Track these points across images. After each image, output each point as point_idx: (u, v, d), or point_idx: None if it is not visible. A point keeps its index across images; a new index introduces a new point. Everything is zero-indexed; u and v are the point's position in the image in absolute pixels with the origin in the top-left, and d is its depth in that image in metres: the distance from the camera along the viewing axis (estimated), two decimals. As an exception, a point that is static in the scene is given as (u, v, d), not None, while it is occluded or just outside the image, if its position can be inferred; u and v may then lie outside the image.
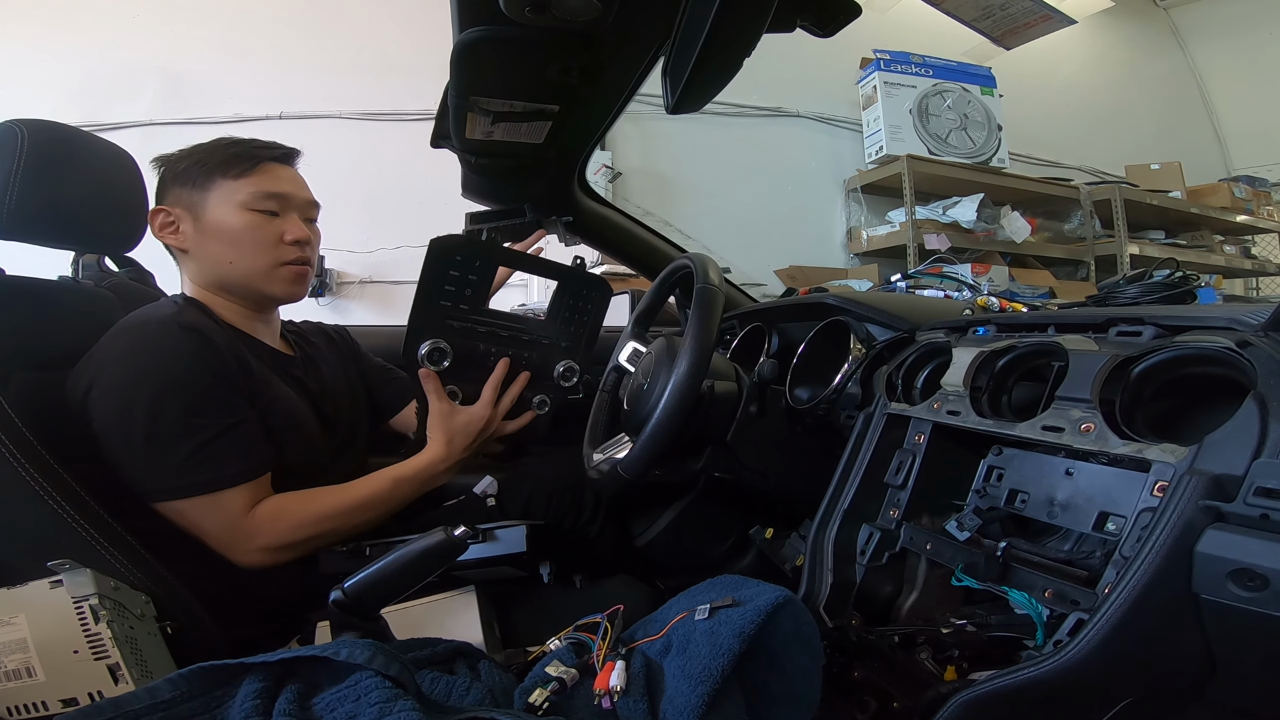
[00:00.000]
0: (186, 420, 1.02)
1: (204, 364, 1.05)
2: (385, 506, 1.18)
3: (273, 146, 1.24)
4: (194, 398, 1.03)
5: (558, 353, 1.39)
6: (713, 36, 0.76)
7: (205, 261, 1.20)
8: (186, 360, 1.04)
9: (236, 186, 1.17)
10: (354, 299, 3.49)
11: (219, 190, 1.17)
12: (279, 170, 1.23)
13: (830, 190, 4.33)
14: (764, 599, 0.74)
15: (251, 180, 1.18)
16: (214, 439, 1.03)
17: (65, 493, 0.90)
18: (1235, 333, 0.67)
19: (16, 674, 0.84)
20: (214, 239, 1.18)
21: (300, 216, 1.24)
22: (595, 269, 3.07)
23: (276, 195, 1.20)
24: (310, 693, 0.67)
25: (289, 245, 1.21)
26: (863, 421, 1.04)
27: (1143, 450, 0.66)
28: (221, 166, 1.18)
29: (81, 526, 0.89)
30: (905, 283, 1.85)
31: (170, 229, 1.19)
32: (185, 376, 1.03)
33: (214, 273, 1.20)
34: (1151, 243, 4.50)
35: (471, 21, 0.87)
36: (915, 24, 4.28)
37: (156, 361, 1.03)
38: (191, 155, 1.19)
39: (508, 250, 1.34)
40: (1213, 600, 0.57)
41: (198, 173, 1.17)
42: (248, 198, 1.17)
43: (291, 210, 1.23)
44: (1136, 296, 1.01)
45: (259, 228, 1.18)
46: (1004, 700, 0.66)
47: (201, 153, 1.19)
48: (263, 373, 1.17)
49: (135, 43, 3.32)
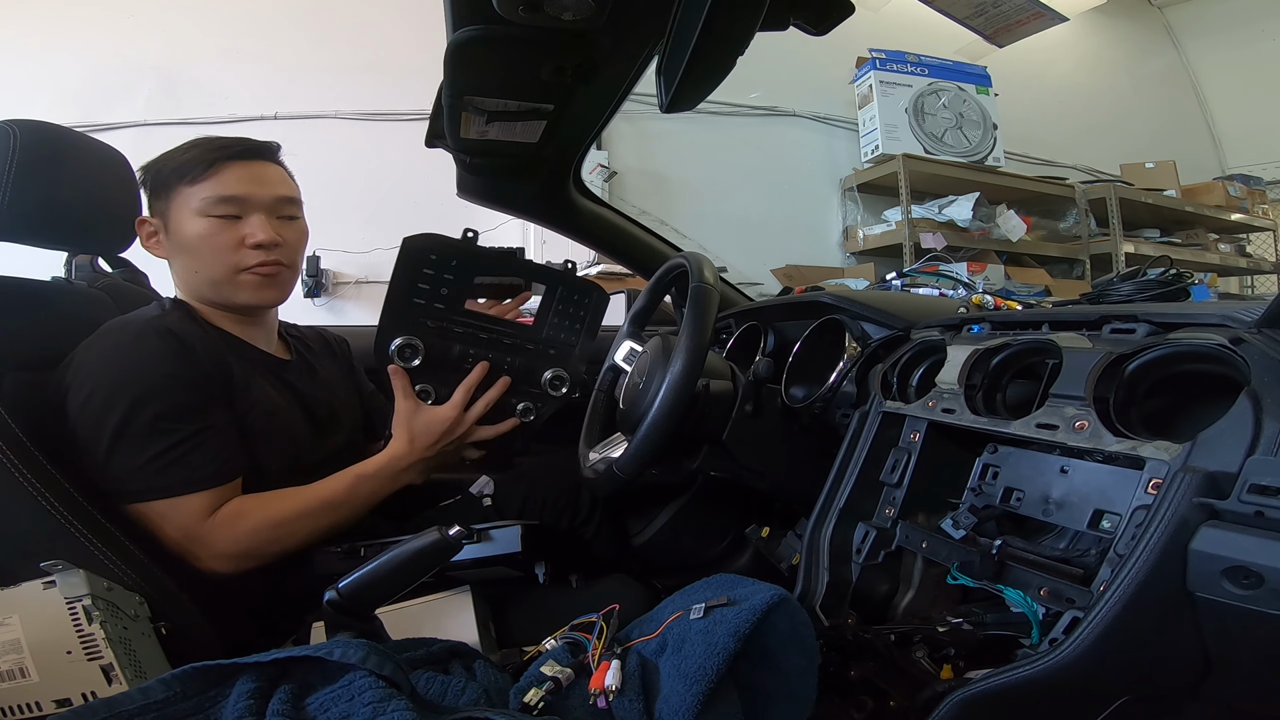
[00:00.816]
0: (155, 424, 1.01)
1: (178, 369, 1.03)
2: (349, 507, 1.14)
3: (230, 145, 1.15)
4: (165, 402, 1.02)
5: (545, 359, 1.33)
6: (705, 35, 0.76)
7: (178, 271, 1.17)
8: (160, 365, 1.03)
9: (192, 192, 1.12)
10: (350, 299, 3.48)
11: (178, 197, 1.13)
12: (237, 170, 1.14)
13: (826, 189, 4.33)
14: (759, 598, 0.74)
15: (206, 184, 1.12)
16: (181, 443, 1.02)
17: (58, 493, 0.90)
18: (1228, 329, 0.67)
19: (10, 674, 0.84)
20: (180, 249, 1.15)
21: (269, 215, 1.16)
22: (592, 268, 3.07)
23: (232, 199, 1.13)
24: (304, 693, 0.67)
25: (250, 249, 1.14)
26: (858, 420, 1.04)
27: (1137, 448, 0.66)
28: (177, 173, 1.13)
29: (74, 527, 0.89)
30: (901, 281, 1.85)
31: (153, 239, 1.18)
32: (158, 381, 1.02)
33: (187, 281, 1.18)
34: (1147, 241, 4.51)
35: (465, 21, 0.87)
36: (908, 22, 4.28)
37: (130, 366, 1.02)
38: (157, 162, 1.15)
39: (486, 250, 1.27)
40: (1208, 598, 0.57)
41: (162, 181, 1.14)
42: (201, 204, 1.11)
43: (255, 211, 1.15)
44: (1130, 294, 1.01)
45: (216, 234, 1.12)
46: (1000, 699, 0.66)
47: (163, 159, 1.15)
48: (245, 376, 1.14)
49: (130, 43, 3.30)
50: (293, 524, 1.09)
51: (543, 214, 1.74)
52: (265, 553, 1.07)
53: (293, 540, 1.09)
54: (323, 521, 1.12)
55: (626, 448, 1.06)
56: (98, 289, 1.26)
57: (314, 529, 1.11)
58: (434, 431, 1.20)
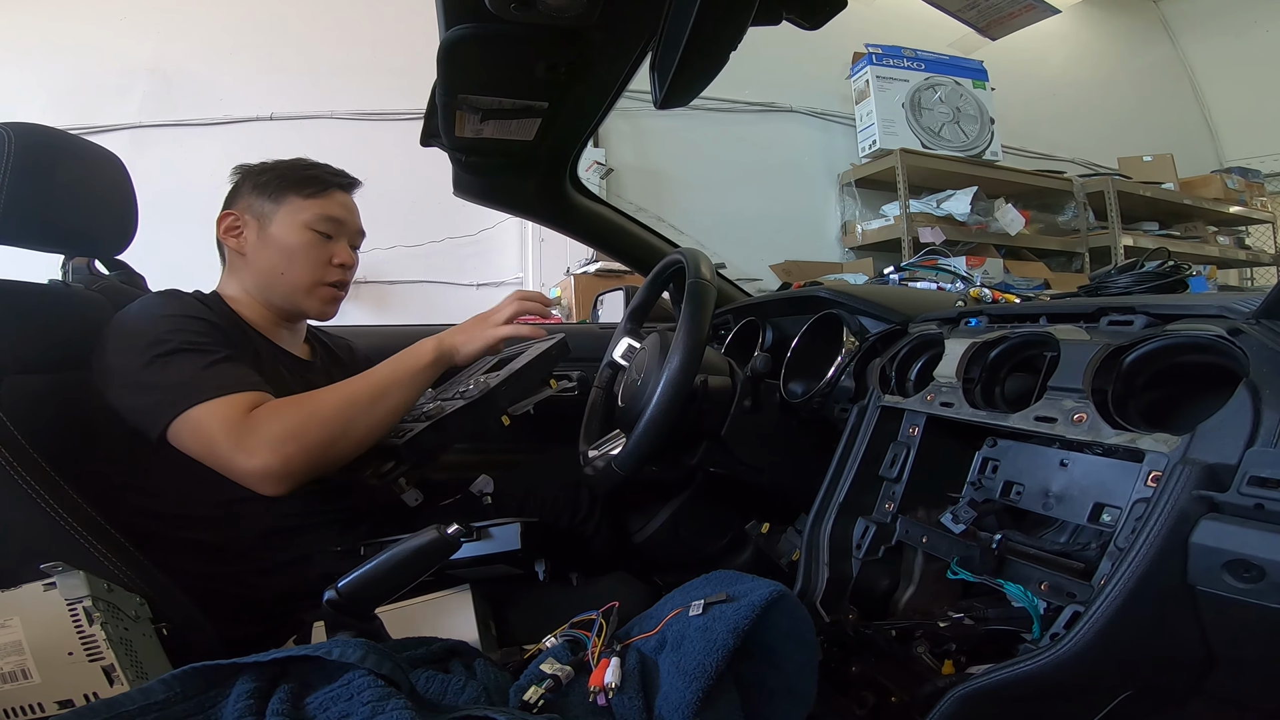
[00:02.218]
0: (189, 345, 1.05)
1: (207, 316, 1.12)
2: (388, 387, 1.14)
3: (342, 175, 1.33)
4: (196, 332, 1.07)
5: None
6: (697, 30, 0.76)
7: (257, 267, 1.26)
8: (190, 310, 1.11)
9: (305, 205, 1.25)
10: (349, 299, 3.45)
11: (289, 206, 1.25)
12: (342, 197, 1.31)
13: (824, 185, 4.32)
14: (758, 594, 0.74)
15: (319, 202, 1.26)
16: (215, 362, 1.06)
17: (58, 495, 0.90)
18: (1227, 320, 0.67)
19: (12, 676, 0.84)
20: (273, 249, 1.25)
21: (349, 244, 1.32)
22: (590, 266, 3.08)
23: (335, 220, 1.28)
24: (303, 693, 0.67)
25: (334, 267, 1.29)
26: (856, 414, 1.04)
27: (1136, 440, 0.66)
28: (297, 185, 1.26)
29: (74, 529, 0.89)
30: (899, 275, 1.85)
31: (235, 233, 1.26)
32: (189, 322, 1.09)
33: (262, 279, 1.26)
34: (1145, 234, 4.50)
35: (457, 19, 0.86)
36: (901, 16, 4.30)
37: (163, 311, 1.10)
38: (274, 169, 1.28)
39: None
40: (1209, 592, 0.56)
41: (275, 186, 1.26)
42: (312, 218, 1.25)
43: (344, 236, 1.31)
44: (1128, 286, 1.01)
45: (314, 247, 1.26)
46: (1001, 694, 0.66)
47: (283, 168, 1.28)
48: (273, 369, 1.20)
49: (124, 45, 3.29)
50: (337, 408, 1.08)
51: (539, 211, 1.74)
52: (314, 441, 1.04)
53: (339, 426, 1.07)
54: (355, 390, 1.12)
55: (625, 444, 1.06)
56: (95, 291, 1.26)
57: (356, 413, 1.09)
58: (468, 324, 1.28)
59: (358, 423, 1.09)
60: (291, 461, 1.01)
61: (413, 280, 3.49)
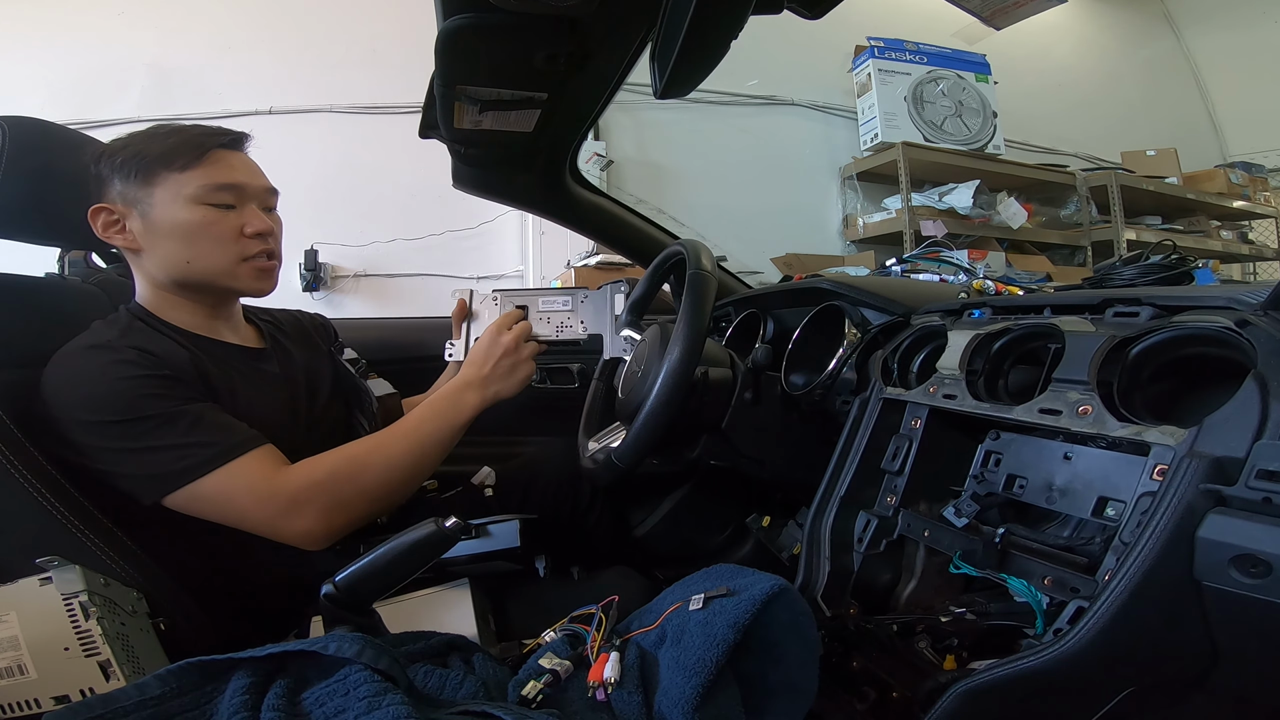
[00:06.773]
0: (173, 409, 0.96)
1: (164, 372, 1.00)
2: (421, 437, 1.11)
3: (219, 133, 1.12)
4: (171, 392, 0.98)
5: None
6: (698, 19, 0.75)
7: (160, 262, 1.10)
8: (141, 365, 0.98)
9: (184, 179, 1.07)
10: (349, 293, 3.48)
11: (165, 184, 1.06)
12: (229, 158, 1.11)
13: (825, 178, 4.32)
14: (758, 588, 0.73)
15: (200, 171, 1.07)
16: (204, 416, 0.98)
17: (54, 489, 0.90)
18: (1234, 312, 0.66)
19: (9, 671, 0.84)
20: (167, 238, 1.08)
21: (259, 206, 1.14)
22: (591, 258, 3.08)
23: (231, 186, 1.10)
24: (300, 688, 0.66)
25: (250, 238, 1.11)
26: (858, 407, 1.03)
27: (1141, 433, 0.65)
28: (164, 158, 1.06)
29: (70, 523, 0.89)
30: (901, 267, 1.84)
31: (115, 228, 1.09)
32: (145, 375, 0.98)
33: (171, 273, 1.10)
34: (1148, 228, 4.50)
35: (455, 8, 0.85)
36: (903, 7, 4.29)
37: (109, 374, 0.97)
38: (129, 146, 1.07)
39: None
40: (1215, 587, 0.55)
41: (140, 165, 1.06)
42: (198, 190, 1.07)
43: (249, 200, 1.12)
44: (1133, 278, 1.00)
45: (215, 223, 1.09)
46: (1004, 690, 0.65)
47: (139, 142, 1.08)
48: (222, 376, 1.09)
49: (122, 39, 3.30)
50: (381, 478, 1.06)
51: (539, 204, 1.73)
52: (360, 513, 1.04)
53: (384, 493, 1.06)
54: (398, 453, 1.09)
55: (625, 437, 1.06)
56: (91, 285, 1.25)
57: (399, 477, 1.08)
58: (481, 350, 1.21)
59: (402, 487, 1.09)
60: (336, 528, 1.02)
61: (412, 273, 3.50)
